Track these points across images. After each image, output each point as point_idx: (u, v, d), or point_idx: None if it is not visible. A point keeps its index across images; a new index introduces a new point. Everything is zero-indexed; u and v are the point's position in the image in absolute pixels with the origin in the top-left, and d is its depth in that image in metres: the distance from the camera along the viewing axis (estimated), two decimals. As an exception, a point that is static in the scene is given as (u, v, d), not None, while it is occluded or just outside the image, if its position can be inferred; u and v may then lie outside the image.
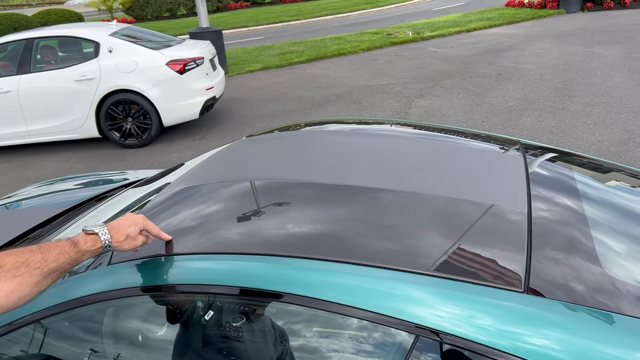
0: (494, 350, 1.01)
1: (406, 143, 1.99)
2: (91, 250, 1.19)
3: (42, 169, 6.09)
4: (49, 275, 1.10)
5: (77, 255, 1.15)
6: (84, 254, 1.18)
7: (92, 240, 1.20)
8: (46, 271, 1.09)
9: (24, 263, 1.06)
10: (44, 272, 1.08)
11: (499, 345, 1.02)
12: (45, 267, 1.08)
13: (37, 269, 1.07)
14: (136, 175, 2.97)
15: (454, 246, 1.25)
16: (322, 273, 1.20)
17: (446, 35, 12.89)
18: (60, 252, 1.12)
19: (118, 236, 1.24)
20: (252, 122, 7.17)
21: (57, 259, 1.11)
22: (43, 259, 1.08)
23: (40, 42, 6.57)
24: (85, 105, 6.29)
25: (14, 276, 1.04)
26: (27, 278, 1.05)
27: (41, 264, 1.08)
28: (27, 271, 1.05)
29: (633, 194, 1.75)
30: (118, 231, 1.24)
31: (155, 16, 23.88)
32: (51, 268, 1.10)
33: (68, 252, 1.13)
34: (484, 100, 7.25)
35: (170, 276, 1.32)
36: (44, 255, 1.09)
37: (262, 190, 1.61)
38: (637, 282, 1.20)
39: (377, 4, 22.33)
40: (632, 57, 8.85)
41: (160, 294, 1.37)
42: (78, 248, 1.16)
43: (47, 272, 1.09)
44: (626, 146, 5.21)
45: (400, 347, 1.12)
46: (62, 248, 1.13)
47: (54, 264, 1.10)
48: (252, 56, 11.99)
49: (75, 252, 1.15)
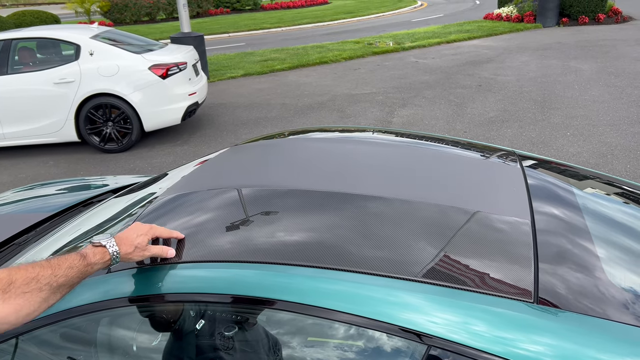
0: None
1: (404, 151, 1.99)
2: (100, 263, 1.17)
3: (18, 174, 5.93)
4: (57, 290, 1.07)
5: (85, 268, 1.13)
6: (93, 267, 1.16)
7: (100, 253, 1.18)
8: (55, 286, 1.06)
9: (34, 279, 1.03)
10: (54, 287, 1.06)
11: (502, 353, 1.02)
12: (55, 282, 1.06)
13: (47, 284, 1.05)
14: (116, 182, 2.91)
15: (455, 255, 1.24)
16: (334, 282, 1.18)
17: (427, 46, 13.05)
18: (69, 266, 1.09)
19: (126, 247, 1.22)
20: (234, 129, 7.12)
21: (66, 273, 1.08)
22: (53, 274, 1.06)
23: (19, 44, 6.42)
24: (64, 108, 6.16)
25: (24, 292, 1.01)
26: (37, 294, 1.03)
27: (50, 279, 1.05)
28: (37, 287, 1.03)
29: (630, 204, 1.77)
30: (126, 242, 1.22)
31: (133, 20, 23.62)
32: (60, 283, 1.07)
33: (77, 265, 1.11)
34: (465, 110, 7.34)
35: (165, 285, 1.28)
36: (53, 270, 1.07)
37: (255, 197, 1.58)
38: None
39: (358, 14, 22.51)
40: (607, 71, 9.08)
41: (152, 303, 1.33)
42: (87, 261, 1.14)
43: (57, 287, 1.07)
44: (604, 158, 5.32)
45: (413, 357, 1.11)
46: (71, 262, 1.11)
47: (63, 278, 1.08)
48: (234, 62, 11.94)
49: (84, 265, 1.13)
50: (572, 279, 1.21)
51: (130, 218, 1.68)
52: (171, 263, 1.31)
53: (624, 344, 1.03)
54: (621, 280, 1.24)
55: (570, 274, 1.22)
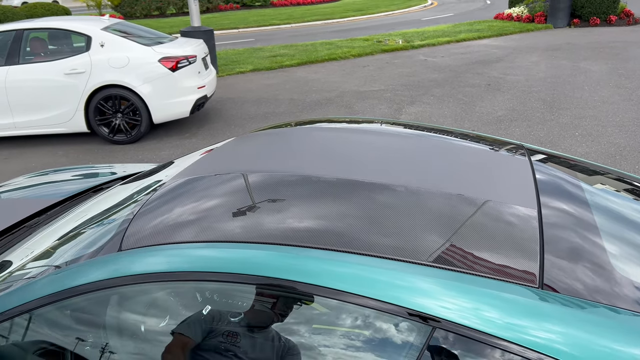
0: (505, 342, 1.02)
1: (413, 141, 2.00)
2: None
3: (28, 163, 5.98)
4: None
5: None
6: None
7: None
8: None
9: None
10: None
11: (507, 337, 1.03)
12: None
13: None
14: (124, 170, 2.94)
15: (461, 241, 1.25)
16: (347, 264, 1.20)
17: (436, 44, 13.01)
18: None
19: None
20: (242, 123, 7.15)
21: None
22: None
23: (31, 34, 6.47)
24: (74, 99, 6.20)
25: None
26: None
27: None
28: None
29: (635, 196, 1.78)
30: None
31: (144, 14, 23.68)
32: None
33: None
34: (474, 109, 7.32)
35: (181, 264, 1.30)
36: None
37: (267, 183, 1.60)
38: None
39: (367, 12, 22.46)
40: (618, 73, 9.03)
41: (163, 281, 1.34)
42: None
43: None
44: (613, 158, 5.30)
45: (416, 340, 1.12)
46: None
47: None
48: (243, 57, 11.96)
49: None
50: (577, 266, 1.22)
51: (137, 203, 1.70)
52: (183, 242, 1.33)
53: (628, 331, 1.04)
54: (625, 269, 1.25)
55: (575, 262, 1.23)
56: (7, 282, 1.58)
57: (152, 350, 1.45)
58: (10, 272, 1.67)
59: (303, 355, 1.28)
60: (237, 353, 1.34)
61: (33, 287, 1.42)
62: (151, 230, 1.42)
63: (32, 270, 1.59)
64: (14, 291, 1.46)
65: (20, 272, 1.62)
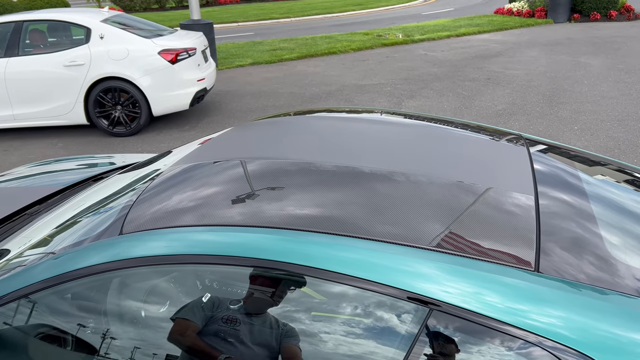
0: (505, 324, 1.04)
1: (414, 130, 2.01)
2: None
3: (27, 154, 5.98)
4: None
5: None
6: None
7: None
8: None
9: None
10: None
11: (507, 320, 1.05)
12: None
13: None
14: (124, 160, 2.95)
15: (460, 226, 1.27)
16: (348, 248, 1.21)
17: (436, 39, 13.00)
18: None
19: None
20: (242, 116, 7.15)
21: None
22: None
23: (30, 26, 6.46)
24: (74, 91, 6.20)
25: None
26: None
27: None
28: None
29: (631, 185, 1.79)
30: None
31: (143, 7, 23.60)
32: None
33: None
34: (473, 103, 7.33)
35: (181, 247, 1.31)
36: None
37: (269, 169, 1.61)
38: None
39: (367, 6, 22.40)
40: (617, 68, 9.03)
41: (164, 264, 1.35)
42: None
43: None
44: (611, 152, 5.32)
45: (413, 321, 1.14)
46: None
47: None
48: (242, 51, 11.94)
49: None
50: (573, 250, 1.23)
51: (137, 190, 1.71)
52: (184, 226, 1.33)
53: (623, 314, 1.06)
54: (620, 253, 1.27)
55: (571, 246, 1.25)
56: (7, 268, 1.59)
57: (152, 334, 1.47)
58: (9, 259, 1.68)
59: (303, 338, 1.30)
60: (238, 336, 1.36)
61: (35, 271, 1.43)
62: (152, 215, 1.44)
63: (32, 256, 1.60)
64: (15, 274, 1.47)
65: (19, 259, 1.63)
